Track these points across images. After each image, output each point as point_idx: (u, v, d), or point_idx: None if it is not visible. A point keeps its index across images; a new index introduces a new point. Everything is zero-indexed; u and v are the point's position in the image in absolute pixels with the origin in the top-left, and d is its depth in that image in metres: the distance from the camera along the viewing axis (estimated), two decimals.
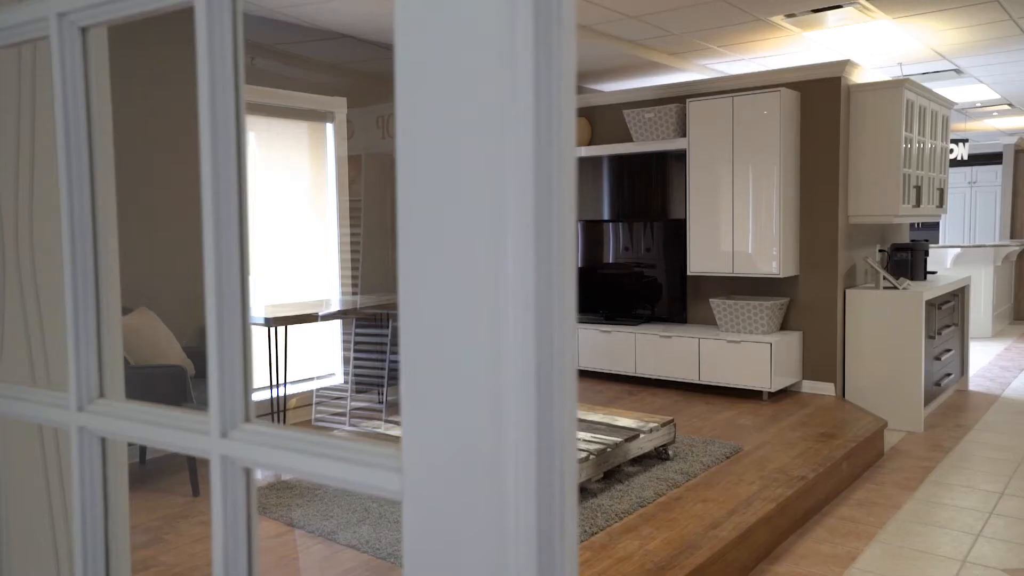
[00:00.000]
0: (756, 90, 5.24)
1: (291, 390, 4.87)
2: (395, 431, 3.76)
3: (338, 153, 5.04)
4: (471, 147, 0.40)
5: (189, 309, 4.31)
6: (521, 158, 0.39)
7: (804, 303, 5.41)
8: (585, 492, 3.38)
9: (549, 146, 0.39)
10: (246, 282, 0.52)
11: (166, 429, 0.56)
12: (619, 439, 3.54)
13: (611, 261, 6.08)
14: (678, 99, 5.95)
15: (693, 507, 3.25)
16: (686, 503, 3.29)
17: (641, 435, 3.67)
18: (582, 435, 3.60)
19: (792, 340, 5.29)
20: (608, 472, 3.61)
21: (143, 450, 4.01)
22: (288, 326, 4.58)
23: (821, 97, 5.25)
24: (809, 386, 5.40)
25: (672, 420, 3.88)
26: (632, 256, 5.98)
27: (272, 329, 4.39)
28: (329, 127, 5.02)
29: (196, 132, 4.27)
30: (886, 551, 3.24)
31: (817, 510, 3.68)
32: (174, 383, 3.43)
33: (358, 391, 5.27)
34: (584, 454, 3.32)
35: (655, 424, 3.78)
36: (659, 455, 3.88)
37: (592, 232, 6.17)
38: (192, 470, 3.54)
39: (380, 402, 5.32)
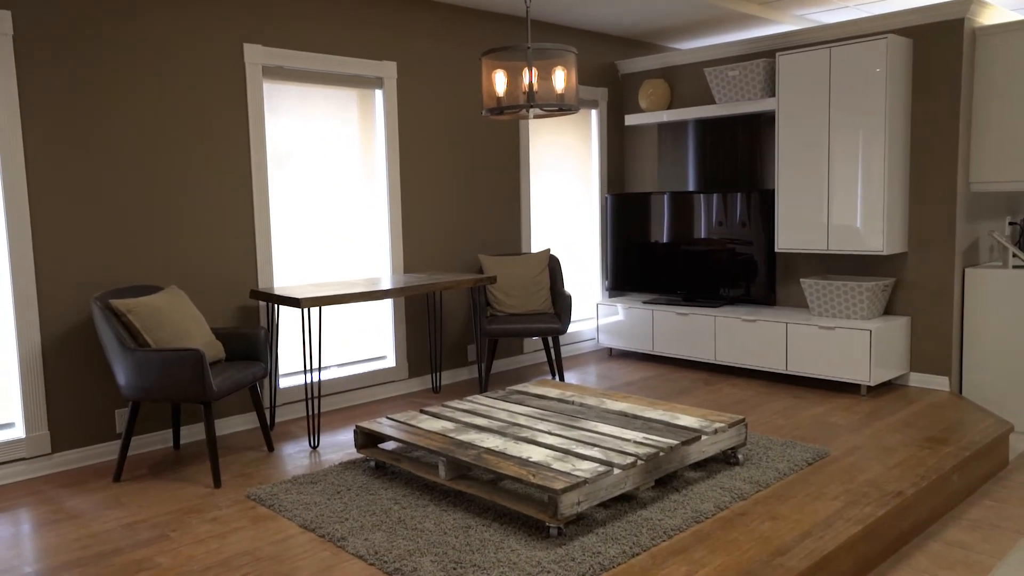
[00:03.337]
0: (858, 39, 4.53)
1: (335, 374, 4.63)
2: (428, 423, 3.42)
3: (388, 121, 4.72)
4: None
5: (224, 288, 4.11)
6: None
7: (914, 284, 4.69)
8: (632, 502, 2.94)
9: None
10: None
11: None
12: (676, 441, 3.07)
13: (695, 236, 5.51)
14: (766, 54, 5.28)
15: (759, 526, 2.75)
16: (751, 520, 2.80)
17: (703, 437, 3.18)
18: (633, 435, 3.15)
19: (898, 326, 4.60)
20: (662, 479, 3.15)
21: (176, 433, 3.85)
22: (323, 307, 4.31)
23: (938, 44, 4.48)
24: (918, 380, 4.69)
25: (743, 419, 3.36)
26: (715, 232, 5.39)
27: (306, 310, 4.14)
28: (378, 93, 4.71)
29: (218, 105, 4.04)
30: None
31: (918, 533, 3.08)
32: (191, 368, 3.21)
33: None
34: (631, 459, 2.87)
35: (721, 424, 3.28)
36: (727, 459, 3.37)
37: (673, 205, 5.61)
38: (214, 458, 3.33)
39: (435, 389, 5.02)
